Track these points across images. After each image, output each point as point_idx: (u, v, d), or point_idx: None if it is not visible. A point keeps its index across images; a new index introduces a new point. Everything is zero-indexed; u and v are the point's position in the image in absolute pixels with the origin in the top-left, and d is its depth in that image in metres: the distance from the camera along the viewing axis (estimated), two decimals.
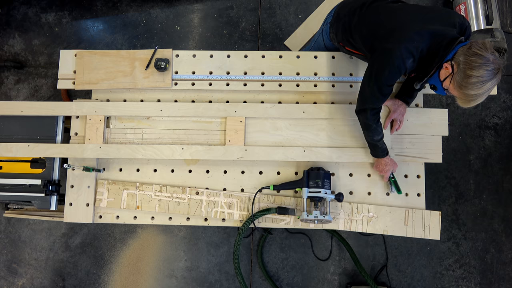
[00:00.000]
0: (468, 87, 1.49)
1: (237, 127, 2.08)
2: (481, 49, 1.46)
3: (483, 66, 1.45)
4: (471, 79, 1.47)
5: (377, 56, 1.72)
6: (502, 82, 3.14)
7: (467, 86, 1.49)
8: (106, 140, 2.13)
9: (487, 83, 1.46)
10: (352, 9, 1.91)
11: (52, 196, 2.13)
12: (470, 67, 1.47)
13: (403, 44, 1.60)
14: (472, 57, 1.47)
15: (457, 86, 1.53)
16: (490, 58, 1.45)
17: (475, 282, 2.97)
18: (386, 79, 1.69)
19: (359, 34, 1.85)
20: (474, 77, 1.46)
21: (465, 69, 1.48)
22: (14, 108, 2.16)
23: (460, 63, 1.50)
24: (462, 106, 1.61)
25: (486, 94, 1.50)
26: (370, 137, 1.88)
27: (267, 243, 3.02)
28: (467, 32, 1.69)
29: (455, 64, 1.53)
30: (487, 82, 1.46)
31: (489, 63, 1.45)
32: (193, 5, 3.39)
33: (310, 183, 1.92)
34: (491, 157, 3.09)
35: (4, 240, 3.12)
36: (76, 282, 3.05)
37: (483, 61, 1.45)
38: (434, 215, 2.01)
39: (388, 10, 1.79)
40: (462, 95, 1.54)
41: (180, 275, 3.02)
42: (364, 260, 2.97)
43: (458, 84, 1.53)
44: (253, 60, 2.17)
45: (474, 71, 1.46)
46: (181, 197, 2.06)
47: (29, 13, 3.41)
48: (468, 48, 1.49)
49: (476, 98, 1.51)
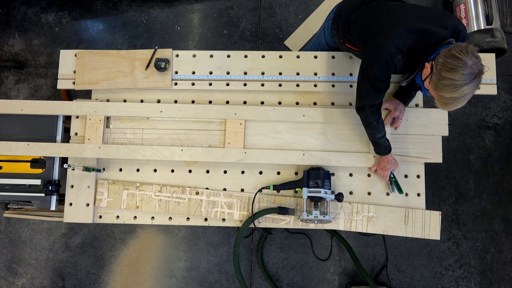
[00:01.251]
0: (442, 89, 1.47)
1: (236, 129, 2.08)
2: (461, 52, 1.43)
3: (459, 69, 1.42)
4: (445, 81, 1.45)
5: (367, 52, 1.74)
6: (502, 82, 3.14)
7: (441, 88, 1.47)
8: (106, 140, 2.13)
9: (463, 87, 1.43)
10: (352, 6, 1.92)
11: (52, 196, 2.13)
12: (446, 68, 1.45)
13: (391, 39, 1.60)
14: (449, 59, 1.44)
15: (433, 87, 1.51)
16: (468, 62, 1.42)
17: (475, 282, 2.97)
18: (376, 74, 1.68)
19: (355, 30, 1.86)
20: (448, 79, 1.44)
21: (441, 70, 1.46)
22: (14, 106, 2.16)
23: (438, 64, 1.48)
24: (441, 109, 1.59)
25: (463, 98, 1.47)
26: (372, 134, 1.88)
27: (267, 243, 3.02)
28: (460, 36, 1.68)
29: (434, 65, 1.52)
30: (462, 86, 1.43)
31: (466, 67, 1.41)
32: (193, 5, 3.38)
33: (310, 183, 1.92)
34: (491, 157, 3.09)
35: (4, 240, 3.12)
36: (76, 282, 3.05)
37: (459, 64, 1.42)
38: (434, 215, 2.01)
39: (385, 7, 1.80)
40: (438, 97, 1.52)
41: (180, 275, 3.02)
42: (364, 260, 2.97)
43: (434, 85, 1.51)
44: (253, 60, 2.17)
45: (449, 73, 1.44)
46: (181, 197, 2.06)
47: (29, 13, 3.41)
48: (449, 50, 1.47)
49: (452, 101, 1.48)
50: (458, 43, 1.49)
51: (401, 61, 1.64)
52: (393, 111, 2.03)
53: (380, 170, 2.00)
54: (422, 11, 1.74)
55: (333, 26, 2.05)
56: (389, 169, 1.97)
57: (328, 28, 2.11)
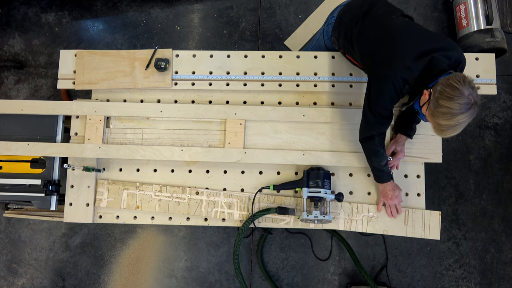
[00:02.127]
0: (439, 116, 1.50)
1: (236, 129, 2.08)
2: (458, 82, 1.46)
3: (455, 99, 1.45)
4: (442, 108, 1.48)
5: (375, 82, 1.75)
6: (502, 82, 3.14)
7: (437, 115, 1.50)
8: (106, 140, 2.13)
9: (458, 116, 1.46)
10: (355, 17, 1.88)
11: (52, 196, 2.13)
12: (444, 97, 1.48)
13: (399, 72, 1.63)
14: (447, 88, 1.47)
15: (430, 113, 1.55)
16: (465, 92, 1.44)
17: (475, 282, 2.97)
18: (386, 105, 1.73)
19: (358, 47, 1.85)
20: (445, 107, 1.47)
21: (438, 98, 1.49)
22: (14, 106, 2.16)
23: (436, 91, 1.51)
24: (438, 135, 1.62)
25: (458, 126, 1.50)
26: (378, 162, 1.88)
27: (267, 243, 3.02)
28: (460, 66, 1.70)
29: (432, 92, 1.55)
30: (458, 115, 1.46)
31: (463, 97, 1.44)
32: (193, 5, 3.38)
33: (310, 183, 1.92)
34: (491, 157, 3.09)
35: (4, 240, 3.12)
36: (76, 282, 3.05)
37: (456, 93, 1.45)
38: (434, 215, 2.01)
39: (389, 29, 1.76)
40: (435, 124, 1.55)
41: (180, 275, 3.02)
42: (364, 260, 2.97)
43: (431, 112, 1.54)
44: (253, 60, 2.17)
45: (445, 102, 1.47)
46: (181, 197, 2.06)
47: (29, 13, 3.41)
48: (447, 79, 1.50)
49: (448, 128, 1.51)
50: (456, 73, 1.53)
51: (408, 90, 1.69)
52: (392, 142, 2.04)
53: (390, 200, 1.97)
54: (428, 37, 1.73)
55: (333, 34, 2.04)
56: (398, 196, 1.96)
57: (327, 34, 2.10)
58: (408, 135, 2.02)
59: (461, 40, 3.09)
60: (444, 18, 3.30)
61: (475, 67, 2.10)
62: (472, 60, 2.11)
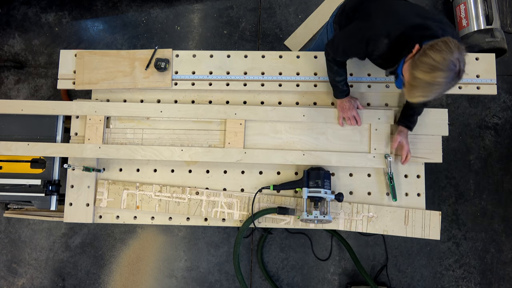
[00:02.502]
0: (419, 66, 1.42)
1: (236, 129, 2.08)
2: (451, 42, 1.40)
3: (443, 53, 1.38)
4: (426, 58, 1.40)
5: (358, 17, 1.79)
6: (502, 82, 3.14)
7: (418, 65, 1.42)
8: (106, 140, 2.13)
9: (438, 72, 1.38)
10: (356, 4, 1.91)
11: (52, 196, 2.13)
12: (431, 48, 1.41)
13: (388, 21, 1.63)
14: (440, 42, 1.41)
15: (411, 65, 1.46)
16: (454, 53, 1.38)
17: (475, 282, 2.97)
18: (351, 46, 1.75)
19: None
20: (429, 57, 1.39)
21: (426, 49, 1.42)
22: (14, 106, 2.16)
23: (427, 45, 1.44)
24: (407, 98, 1.53)
25: (432, 87, 1.41)
26: (331, 77, 1.95)
27: (267, 243, 3.02)
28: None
29: (423, 46, 1.47)
30: (438, 71, 1.37)
31: (451, 55, 1.37)
32: (193, 5, 3.38)
33: (310, 183, 1.92)
34: (491, 157, 3.09)
35: (4, 240, 3.12)
36: (76, 282, 3.05)
37: (446, 49, 1.38)
38: (434, 215, 2.01)
39: (392, 2, 1.79)
40: (410, 77, 1.46)
41: (180, 275, 3.02)
42: (364, 260, 2.97)
43: (413, 64, 1.46)
44: (253, 60, 2.17)
45: (432, 53, 1.39)
46: (181, 197, 2.06)
47: (29, 13, 3.41)
48: (443, 38, 1.44)
49: (420, 86, 1.43)
50: (452, 38, 1.46)
51: (384, 46, 1.62)
52: (396, 134, 2.02)
53: (348, 112, 2.03)
54: (428, 12, 1.73)
55: (335, 20, 2.07)
56: (355, 106, 2.02)
57: (331, 25, 2.12)
58: (408, 127, 2.01)
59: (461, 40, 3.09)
60: None
61: (475, 67, 2.10)
62: (472, 60, 2.11)
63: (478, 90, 2.08)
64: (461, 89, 2.08)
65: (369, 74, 2.12)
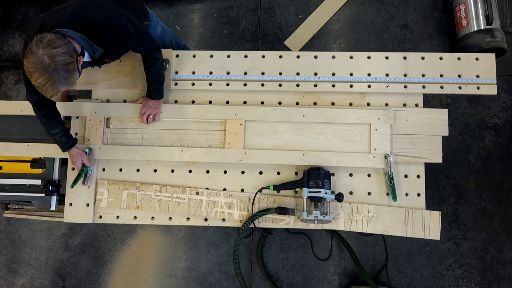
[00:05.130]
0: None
1: (236, 129, 2.08)
2: (35, 41, 1.48)
3: (29, 57, 1.47)
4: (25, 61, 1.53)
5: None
6: (502, 82, 3.13)
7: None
8: (106, 140, 2.13)
9: (33, 75, 1.48)
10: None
11: (52, 196, 2.14)
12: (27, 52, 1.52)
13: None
14: (28, 48, 1.50)
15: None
16: (39, 51, 1.46)
17: (475, 282, 2.97)
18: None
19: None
20: (25, 62, 1.51)
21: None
22: (14, 107, 2.16)
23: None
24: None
25: (42, 90, 1.51)
26: (47, 131, 1.94)
27: (267, 243, 3.02)
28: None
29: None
30: (33, 75, 1.48)
31: (37, 55, 1.46)
32: (193, 5, 3.38)
33: (310, 183, 1.92)
34: (491, 157, 3.09)
35: (4, 240, 3.12)
36: (76, 282, 3.05)
37: (30, 52, 1.47)
38: (434, 215, 2.01)
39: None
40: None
41: (180, 275, 3.02)
42: (364, 260, 2.97)
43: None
44: (253, 60, 2.17)
45: (25, 58, 1.51)
46: (181, 197, 2.06)
47: (29, 13, 3.40)
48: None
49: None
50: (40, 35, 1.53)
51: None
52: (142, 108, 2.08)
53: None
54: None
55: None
56: (76, 156, 2.01)
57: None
58: (151, 97, 2.05)
59: (461, 40, 3.09)
60: (444, 18, 3.30)
61: (475, 67, 2.10)
62: (472, 60, 2.11)
63: (478, 90, 2.08)
64: (461, 89, 2.08)
65: (369, 74, 2.12)
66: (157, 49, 1.91)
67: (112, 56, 1.92)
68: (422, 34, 3.27)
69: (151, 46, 1.89)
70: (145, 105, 2.06)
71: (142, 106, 2.08)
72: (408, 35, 3.28)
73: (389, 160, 2.00)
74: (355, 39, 3.27)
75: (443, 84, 2.09)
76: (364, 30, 3.28)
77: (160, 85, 2.03)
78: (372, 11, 3.31)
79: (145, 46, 1.88)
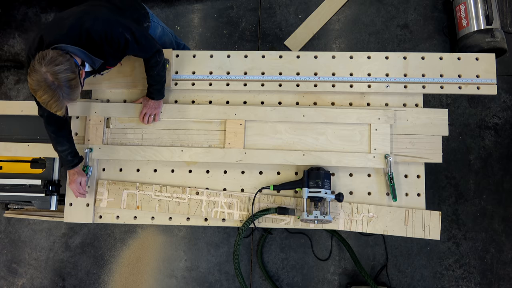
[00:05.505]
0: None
1: (236, 129, 2.08)
2: (37, 58, 1.50)
3: (32, 75, 1.51)
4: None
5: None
6: (502, 82, 3.14)
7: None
8: (106, 140, 2.13)
9: (37, 92, 1.51)
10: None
11: (52, 196, 2.14)
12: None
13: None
14: (31, 65, 1.53)
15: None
16: (42, 68, 1.49)
17: (475, 282, 2.97)
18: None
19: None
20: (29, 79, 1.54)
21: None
22: (14, 107, 2.16)
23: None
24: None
25: (47, 105, 1.55)
26: (54, 147, 1.94)
27: (267, 243, 3.02)
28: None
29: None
30: (37, 92, 1.52)
31: (40, 74, 1.49)
32: (193, 5, 3.38)
33: (310, 183, 1.92)
34: (491, 157, 3.09)
35: (4, 240, 3.12)
36: (76, 282, 3.05)
37: (33, 70, 1.51)
38: (434, 215, 2.01)
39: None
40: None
41: (180, 275, 3.02)
42: (364, 260, 2.97)
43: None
44: (253, 60, 2.17)
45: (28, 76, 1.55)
46: (181, 197, 2.06)
47: (29, 13, 3.41)
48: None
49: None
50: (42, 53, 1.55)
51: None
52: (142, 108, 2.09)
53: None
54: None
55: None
56: (72, 182, 1.99)
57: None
58: (151, 97, 2.06)
59: (461, 40, 3.09)
60: (444, 18, 3.30)
61: (475, 67, 2.10)
62: (472, 60, 2.11)
63: (478, 90, 2.08)
64: (461, 89, 2.08)
65: (369, 74, 2.12)
66: (158, 53, 1.91)
67: (111, 63, 1.92)
68: (422, 34, 3.27)
69: (152, 50, 1.88)
70: (146, 105, 2.06)
71: (143, 106, 2.08)
72: (408, 35, 3.28)
73: (389, 160, 2.01)
74: (355, 39, 3.27)
75: (443, 84, 2.09)
76: (364, 30, 3.28)
77: (161, 86, 2.03)
78: (372, 11, 3.31)
79: (145, 52, 1.88)
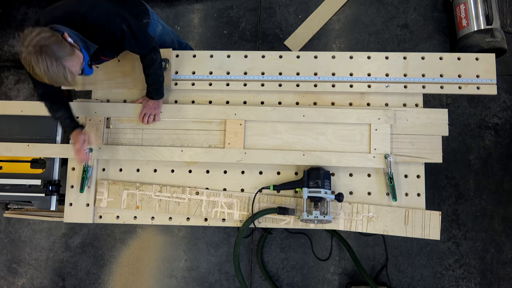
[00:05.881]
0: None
1: (236, 129, 2.08)
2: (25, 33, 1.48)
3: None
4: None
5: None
6: (502, 82, 3.14)
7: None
8: (106, 140, 2.13)
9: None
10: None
11: (52, 196, 2.13)
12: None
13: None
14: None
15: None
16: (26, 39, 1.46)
17: (475, 282, 2.97)
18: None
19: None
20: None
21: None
22: (14, 107, 2.16)
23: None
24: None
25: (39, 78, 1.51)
26: (52, 117, 1.96)
27: (267, 243, 3.02)
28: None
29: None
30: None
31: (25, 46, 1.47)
32: (193, 5, 3.38)
33: (310, 183, 1.92)
34: (491, 157, 3.09)
35: (4, 240, 3.12)
36: (76, 282, 3.05)
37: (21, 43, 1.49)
38: (434, 215, 2.01)
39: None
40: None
41: (180, 275, 3.02)
42: (364, 260, 2.97)
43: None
44: (253, 60, 2.17)
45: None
46: (181, 197, 2.06)
47: (29, 13, 3.40)
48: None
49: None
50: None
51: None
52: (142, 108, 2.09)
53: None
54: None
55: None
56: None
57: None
58: (150, 97, 2.06)
59: (461, 40, 3.09)
60: (444, 18, 3.30)
61: (475, 67, 2.10)
62: (472, 60, 2.11)
63: (478, 90, 2.08)
64: (461, 89, 2.08)
65: (369, 74, 2.12)
66: (154, 50, 1.90)
67: (107, 54, 1.90)
68: (422, 34, 3.27)
69: (147, 47, 1.87)
70: (145, 105, 2.06)
71: (142, 106, 2.08)
72: (408, 35, 3.28)
73: (389, 160, 2.01)
74: (355, 39, 3.27)
75: (443, 84, 2.09)
76: (364, 30, 3.28)
77: (159, 85, 2.02)
78: (372, 11, 3.31)
79: (141, 48, 1.87)
